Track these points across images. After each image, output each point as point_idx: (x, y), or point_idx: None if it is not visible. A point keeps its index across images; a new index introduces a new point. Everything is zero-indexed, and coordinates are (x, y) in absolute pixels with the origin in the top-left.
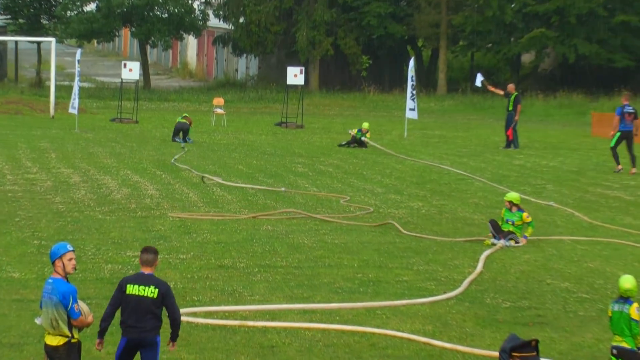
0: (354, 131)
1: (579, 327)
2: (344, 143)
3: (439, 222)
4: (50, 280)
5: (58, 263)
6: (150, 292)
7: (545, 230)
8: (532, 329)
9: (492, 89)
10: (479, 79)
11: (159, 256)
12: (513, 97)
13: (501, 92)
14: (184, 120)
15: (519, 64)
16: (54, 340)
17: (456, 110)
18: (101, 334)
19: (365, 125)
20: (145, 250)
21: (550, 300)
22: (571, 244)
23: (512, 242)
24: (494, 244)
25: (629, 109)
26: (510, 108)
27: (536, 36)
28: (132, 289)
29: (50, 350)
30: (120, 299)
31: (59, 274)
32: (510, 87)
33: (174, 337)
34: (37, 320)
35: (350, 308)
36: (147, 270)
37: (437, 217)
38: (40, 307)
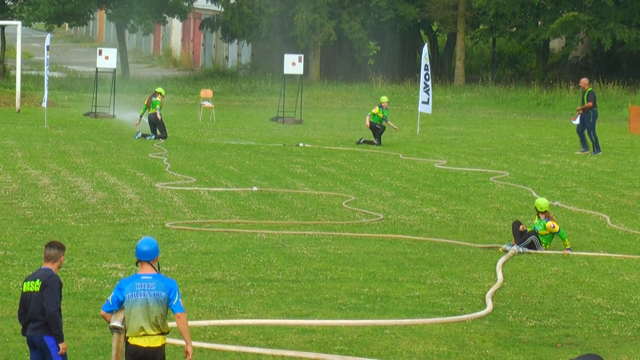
0: (370, 116)
1: (613, 349)
2: (361, 141)
3: (455, 230)
4: (147, 277)
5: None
6: (35, 285)
7: (576, 240)
8: (560, 351)
9: None
10: None
11: (64, 252)
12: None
13: None
14: (153, 111)
15: (547, 51)
16: (157, 341)
17: (475, 104)
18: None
19: (384, 98)
20: (50, 245)
21: (580, 318)
22: (605, 254)
23: (525, 249)
24: (506, 251)
25: None
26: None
27: (568, 20)
28: (25, 286)
29: (151, 353)
30: (21, 298)
31: (153, 269)
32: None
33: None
34: (116, 323)
35: (355, 326)
36: (46, 266)
37: (454, 224)
38: (113, 305)
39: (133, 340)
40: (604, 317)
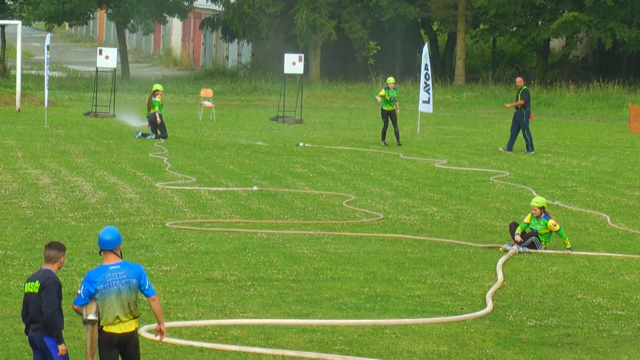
0: (379, 98)
1: (613, 348)
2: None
3: (455, 230)
4: (115, 267)
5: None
6: (35, 287)
7: (577, 240)
8: (561, 351)
9: None
10: None
11: (64, 253)
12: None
13: None
14: (153, 111)
15: (547, 51)
16: (131, 326)
17: (475, 103)
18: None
19: (391, 79)
20: (49, 245)
21: (581, 318)
22: (605, 254)
23: (525, 248)
24: (506, 250)
25: None
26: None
27: (569, 20)
28: (26, 287)
29: (126, 338)
30: (24, 298)
31: (118, 257)
32: (519, 80)
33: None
34: (92, 316)
35: (355, 325)
36: (46, 267)
37: (454, 224)
38: (86, 298)
39: (108, 329)
40: (605, 316)
